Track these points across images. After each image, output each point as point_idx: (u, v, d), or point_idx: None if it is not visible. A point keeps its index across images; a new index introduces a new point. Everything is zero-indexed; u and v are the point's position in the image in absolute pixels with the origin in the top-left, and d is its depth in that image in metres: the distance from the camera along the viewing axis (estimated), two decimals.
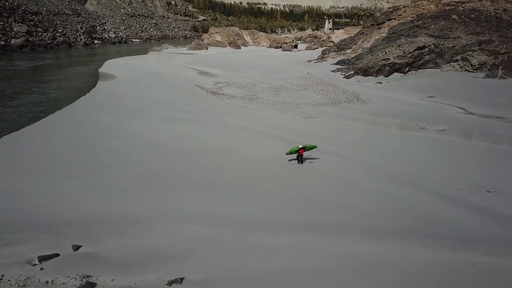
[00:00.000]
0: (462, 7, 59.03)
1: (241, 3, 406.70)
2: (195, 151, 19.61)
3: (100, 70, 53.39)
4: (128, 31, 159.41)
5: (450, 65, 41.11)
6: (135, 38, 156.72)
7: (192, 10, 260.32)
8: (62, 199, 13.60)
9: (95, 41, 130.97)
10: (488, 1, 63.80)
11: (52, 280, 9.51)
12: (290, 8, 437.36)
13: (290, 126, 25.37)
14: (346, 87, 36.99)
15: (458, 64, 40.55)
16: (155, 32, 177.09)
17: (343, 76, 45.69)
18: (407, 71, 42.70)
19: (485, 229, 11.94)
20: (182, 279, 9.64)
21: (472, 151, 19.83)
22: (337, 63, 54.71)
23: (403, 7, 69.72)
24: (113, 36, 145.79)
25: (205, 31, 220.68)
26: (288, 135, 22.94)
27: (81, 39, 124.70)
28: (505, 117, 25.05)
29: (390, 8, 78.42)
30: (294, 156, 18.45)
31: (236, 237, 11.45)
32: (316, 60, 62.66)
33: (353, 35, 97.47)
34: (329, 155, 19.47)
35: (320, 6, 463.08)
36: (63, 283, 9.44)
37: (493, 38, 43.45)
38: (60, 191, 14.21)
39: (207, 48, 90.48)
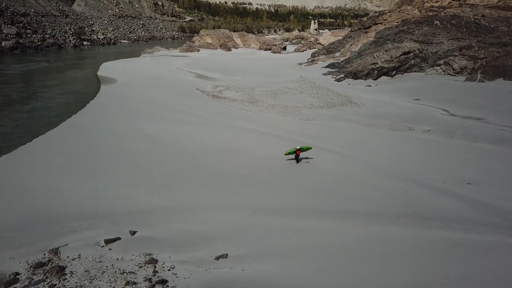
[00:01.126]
0: (444, 13, 62.52)
1: (226, 2, 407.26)
2: (211, 151, 21.89)
3: (98, 73, 54.95)
4: (116, 32, 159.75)
5: (433, 69, 44.30)
6: (124, 39, 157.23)
7: (178, 10, 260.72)
8: (110, 194, 15.78)
9: (84, 43, 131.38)
10: (467, 7, 67.58)
11: (122, 257, 11.75)
12: (275, 8, 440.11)
13: (291, 128, 27.81)
14: (339, 91, 39.71)
15: (441, 68, 43.75)
16: (143, 33, 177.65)
17: (334, 79, 48.43)
18: (394, 75, 45.70)
19: (465, 212, 14.60)
20: (226, 254, 11.99)
21: (454, 149, 22.61)
22: (328, 66, 57.47)
23: (389, 12, 73.05)
24: (102, 37, 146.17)
25: (192, 31, 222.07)
26: (291, 136, 25.35)
27: (70, 41, 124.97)
28: (483, 118, 28.04)
29: (375, 12, 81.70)
30: (292, 156, 20.87)
31: (264, 222, 13.85)
32: (307, 63, 65.35)
33: (340, 37, 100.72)
34: (331, 153, 22.00)
35: (305, 6, 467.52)
36: (131, 259, 11.70)
37: (473, 44, 46.78)
38: (105, 187, 16.36)
39: (198, 50, 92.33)
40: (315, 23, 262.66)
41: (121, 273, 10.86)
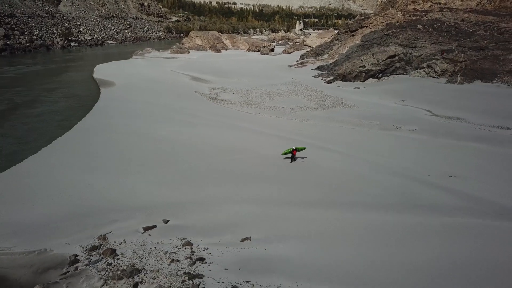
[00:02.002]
0: (426, 17, 65.78)
1: (210, 2, 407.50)
2: (219, 150, 23.96)
3: (94, 76, 56.28)
4: (103, 33, 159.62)
5: (417, 72, 47.22)
6: (111, 40, 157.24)
7: (164, 10, 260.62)
8: (138, 190, 17.74)
9: (72, 44, 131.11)
10: (448, 12, 71.11)
11: (161, 241, 13.79)
12: (260, 8, 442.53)
13: (289, 128, 30.04)
14: (330, 93, 42.18)
15: (424, 71, 46.69)
16: (130, 33, 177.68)
17: (324, 81, 50.93)
18: (380, 77, 48.46)
19: (448, 201, 17.04)
20: (250, 237, 14.14)
21: (438, 146, 25.18)
22: (317, 69, 59.99)
23: (374, 16, 76.07)
24: (89, 38, 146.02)
25: (179, 32, 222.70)
26: (290, 136, 27.54)
27: (57, 42, 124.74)
28: (463, 118, 30.83)
29: (361, 15, 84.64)
30: (289, 155, 23.02)
31: (278, 212, 16.03)
32: (297, 65, 67.77)
33: (327, 39, 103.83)
34: (328, 151, 24.31)
35: (289, 6, 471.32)
36: (169, 242, 13.74)
37: (453, 48, 49.89)
38: (132, 184, 18.32)
39: (189, 52, 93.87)
40: (300, 23, 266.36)
41: (164, 253, 12.92)
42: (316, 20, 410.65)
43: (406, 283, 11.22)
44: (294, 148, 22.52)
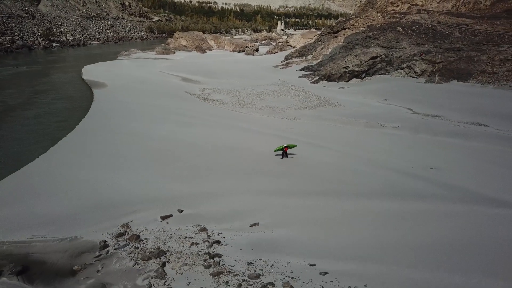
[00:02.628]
0: (405, 19, 68.81)
1: (191, 1, 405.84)
2: (219, 148, 25.60)
3: (84, 77, 56.92)
4: (85, 33, 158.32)
5: (398, 72, 49.84)
6: (93, 40, 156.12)
7: (145, 10, 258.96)
8: (151, 184, 19.25)
9: (54, 44, 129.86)
10: (425, 14, 74.37)
11: (179, 228, 15.40)
12: (241, 8, 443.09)
13: (281, 127, 31.88)
14: (317, 93, 44.26)
15: (404, 71, 49.35)
16: (112, 33, 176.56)
17: (310, 81, 53.03)
18: (363, 77, 50.88)
19: (429, 189, 19.15)
20: (258, 223, 15.87)
21: (419, 141, 27.45)
22: (302, 69, 62.09)
23: (355, 18, 78.76)
24: (71, 38, 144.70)
25: (161, 32, 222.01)
26: (281, 134, 29.38)
27: (39, 42, 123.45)
28: (441, 115, 33.33)
29: (343, 17, 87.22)
30: (281, 152, 24.76)
31: (279, 201, 17.81)
32: (282, 66, 69.75)
33: (310, 39, 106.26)
34: (319, 148, 26.25)
35: (270, 6, 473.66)
36: (186, 229, 15.36)
37: (431, 49, 52.76)
38: (145, 179, 19.81)
39: (174, 53, 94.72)
40: (281, 23, 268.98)
41: (184, 238, 14.55)
42: (297, 19, 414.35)
43: (392, 257, 13.11)
44: (285, 145, 24.34)
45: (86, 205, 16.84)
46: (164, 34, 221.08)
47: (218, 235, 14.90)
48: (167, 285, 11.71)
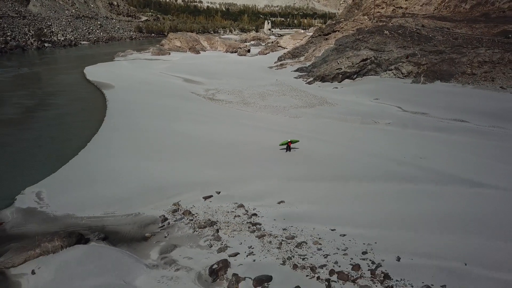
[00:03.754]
0: (391, 23, 73.25)
1: (176, 0, 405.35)
2: (234, 142, 29.05)
3: (89, 78, 59.53)
4: (75, 33, 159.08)
5: (386, 73, 54.05)
6: (84, 41, 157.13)
7: (132, 9, 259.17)
8: (188, 172, 22.67)
9: (46, 44, 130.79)
10: (410, 18, 79.03)
11: (220, 205, 18.86)
12: (226, 7, 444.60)
13: (284, 124, 35.46)
14: (313, 92, 48.06)
15: (392, 72, 53.58)
16: (101, 33, 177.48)
17: (305, 82, 56.81)
18: (355, 78, 54.92)
19: (419, 174, 22.99)
20: (283, 201, 19.42)
21: (408, 135, 31.37)
22: (297, 70, 65.84)
23: (344, 21, 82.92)
24: (62, 38, 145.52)
25: (150, 32, 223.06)
26: (287, 130, 32.92)
27: (31, 43, 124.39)
28: (427, 113, 37.45)
29: (332, 21, 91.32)
30: (285, 146, 28.16)
31: (296, 184, 21.40)
32: (277, 67, 73.39)
33: (300, 40, 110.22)
34: (320, 141, 29.93)
35: (255, 5, 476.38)
36: (227, 205, 18.83)
37: (416, 52, 57.13)
38: (182, 168, 23.24)
39: (169, 54, 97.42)
40: (268, 23, 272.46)
41: (227, 212, 18.05)
42: (282, 19, 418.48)
43: (391, 224, 16.72)
44: (289, 140, 27.90)
45: (139, 189, 20.19)
46: (153, 34, 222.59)
47: (253, 210, 18.44)
48: (224, 245, 15.20)
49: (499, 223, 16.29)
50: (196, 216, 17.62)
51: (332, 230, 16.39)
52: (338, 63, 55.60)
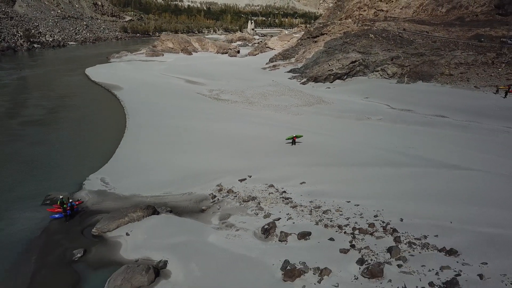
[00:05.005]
0: (376, 27, 78.77)
1: None
2: (247, 137, 33.27)
3: (95, 79, 62.71)
4: (62, 34, 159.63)
5: (373, 74, 59.33)
6: (71, 41, 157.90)
7: (116, 9, 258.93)
8: (216, 161, 26.96)
9: (35, 45, 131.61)
10: (392, 22, 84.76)
11: (254, 186, 23.22)
12: (207, 6, 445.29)
13: (288, 121, 39.93)
14: (310, 92, 52.81)
15: (379, 73, 58.90)
16: (88, 34, 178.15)
17: (299, 82, 61.52)
18: (345, 79, 59.97)
19: (407, 160, 27.83)
20: (305, 182, 23.95)
21: (398, 129, 36.33)
22: (290, 71, 70.48)
23: (332, 24, 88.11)
24: (50, 39, 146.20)
25: (135, 32, 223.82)
26: (290, 126, 37.33)
27: (21, 44, 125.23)
28: (412, 110, 42.68)
29: (320, 23, 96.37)
30: (290, 140, 32.50)
31: (312, 169, 25.95)
32: (270, 68, 77.90)
33: (287, 41, 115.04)
34: (322, 135, 34.50)
35: (236, 4, 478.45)
36: (259, 186, 23.21)
37: (399, 54, 62.62)
38: (214, 158, 27.51)
39: (163, 55, 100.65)
40: (252, 23, 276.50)
41: (262, 190, 22.45)
42: (264, 18, 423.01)
43: (390, 197, 21.43)
44: (294, 135, 32.41)
45: (184, 175, 24.46)
46: (138, 34, 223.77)
47: (282, 189, 22.91)
48: (267, 213, 19.63)
49: (472, 194, 21.26)
50: (238, 194, 21.99)
51: (347, 202, 21.02)
52: (330, 65, 60.55)
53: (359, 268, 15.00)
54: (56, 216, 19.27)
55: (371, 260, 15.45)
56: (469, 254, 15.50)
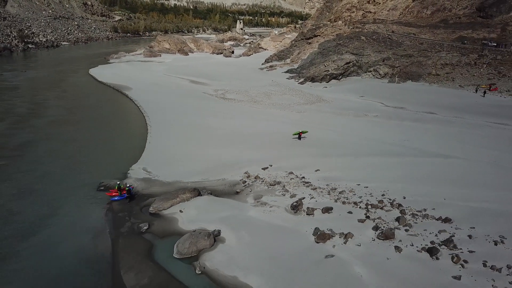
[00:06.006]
0: (366, 29, 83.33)
1: None
2: (259, 132, 36.95)
3: (102, 80, 65.57)
4: (55, 34, 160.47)
5: (366, 74, 63.74)
6: (64, 41, 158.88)
7: (106, 9, 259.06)
8: (244, 153, 30.67)
9: (30, 46, 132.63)
10: (381, 24, 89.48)
11: (276, 173, 27.05)
12: (194, 5, 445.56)
13: (293, 118, 43.80)
14: (309, 91, 56.84)
15: (372, 73, 63.32)
16: (79, 34, 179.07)
17: (297, 82, 65.53)
18: (340, 78, 64.22)
19: (404, 151, 31.98)
20: (319, 169, 27.86)
21: (393, 125, 40.57)
22: (287, 72, 74.43)
23: (324, 26, 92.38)
24: (44, 39, 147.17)
25: (125, 31, 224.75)
26: (295, 123, 41.16)
27: (16, 44, 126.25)
28: (404, 107, 47.07)
29: (313, 25, 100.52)
30: (297, 136, 36.34)
31: (322, 159, 29.88)
32: (267, 68, 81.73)
33: (279, 42, 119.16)
34: (325, 130, 38.48)
35: (223, 3, 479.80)
36: (280, 173, 27.05)
37: (390, 56, 67.18)
38: (237, 151, 31.18)
39: (160, 55, 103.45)
40: (240, 22, 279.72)
41: (283, 176, 26.26)
42: (251, 17, 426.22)
43: (392, 180, 25.48)
44: (301, 131, 36.31)
45: (215, 165, 28.19)
46: (129, 34, 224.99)
47: (300, 175, 26.77)
48: (292, 194, 23.45)
49: (460, 177, 25.49)
50: (264, 179, 25.78)
51: (358, 184, 24.98)
52: (325, 66, 64.73)
53: (375, 233, 18.96)
54: (116, 198, 22.77)
55: (384, 227, 19.43)
56: (460, 222, 19.59)
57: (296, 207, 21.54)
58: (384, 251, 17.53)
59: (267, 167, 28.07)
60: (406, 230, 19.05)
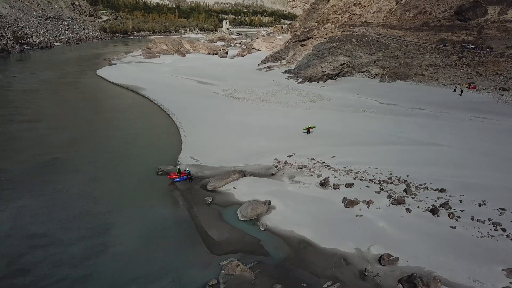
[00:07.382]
0: (356, 32, 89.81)
1: None
2: (274, 127, 42.46)
3: (113, 81, 69.89)
4: (47, 35, 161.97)
5: (359, 74, 70.03)
6: (56, 42, 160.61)
7: (92, 8, 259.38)
8: (270, 143, 36.19)
9: (25, 47, 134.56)
10: (369, 27, 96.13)
11: (300, 159, 32.74)
12: (177, 4, 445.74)
13: (300, 114, 49.49)
14: (310, 91, 62.68)
15: (364, 74, 69.64)
16: (70, 34, 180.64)
17: (296, 82, 71.28)
18: (336, 78, 70.33)
19: (399, 140, 38.12)
20: (335, 156, 33.67)
21: (388, 119, 46.71)
22: (285, 72, 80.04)
23: (316, 29, 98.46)
24: (38, 40, 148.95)
25: (114, 32, 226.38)
26: (303, 118, 46.95)
27: (12, 45, 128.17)
28: (396, 104, 53.42)
29: (306, 28, 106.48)
30: (306, 130, 42.05)
31: (332, 149, 35.67)
32: (265, 69, 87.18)
33: (272, 43, 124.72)
34: (330, 125, 44.30)
35: (205, 2, 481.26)
36: (304, 159, 32.76)
37: (380, 57, 73.69)
38: (262, 141, 36.67)
39: (159, 56, 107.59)
40: (226, 22, 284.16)
41: (307, 161, 31.97)
42: (234, 16, 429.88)
43: (393, 164, 31.44)
44: (309, 126, 42.00)
45: (248, 153, 33.71)
46: (117, 34, 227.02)
47: (320, 160, 32.50)
48: (318, 174, 29.15)
49: (449, 161, 31.70)
50: (292, 164, 31.44)
51: (369, 167, 30.88)
52: (322, 67, 70.74)
53: (389, 200, 24.89)
54: (178, 179, 28.06)
55: (395, 195, 25.38)
56: (453, 191, 25.71)
57: (324, 184, 27.27)
58: (398, 212, 23.49)
59: (291, 155, 33.68)
60: (413, 197, 25.11)
